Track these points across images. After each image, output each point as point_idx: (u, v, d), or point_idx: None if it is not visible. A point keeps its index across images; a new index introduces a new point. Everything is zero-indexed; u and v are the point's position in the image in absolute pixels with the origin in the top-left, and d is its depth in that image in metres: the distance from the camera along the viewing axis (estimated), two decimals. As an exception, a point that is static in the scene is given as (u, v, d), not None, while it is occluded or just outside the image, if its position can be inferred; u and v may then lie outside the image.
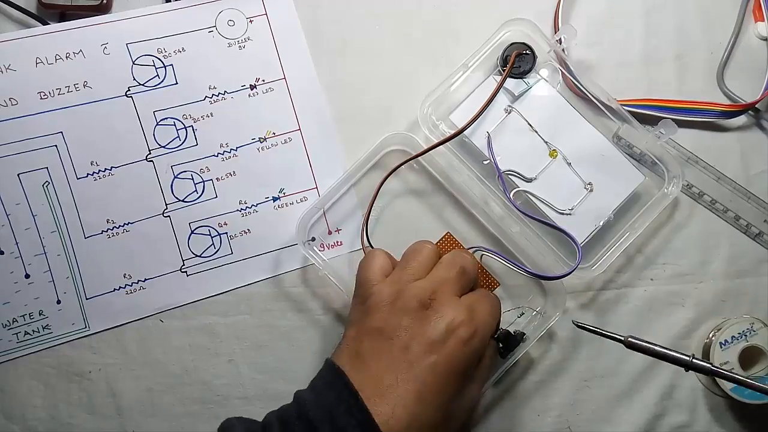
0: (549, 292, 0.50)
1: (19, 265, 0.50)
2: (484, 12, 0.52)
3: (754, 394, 0.45)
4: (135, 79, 0.51)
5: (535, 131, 0.49)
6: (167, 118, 0.51)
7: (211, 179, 0.51)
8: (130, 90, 0.51)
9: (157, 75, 0.51)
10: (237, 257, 0.51)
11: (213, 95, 0.51)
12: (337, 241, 0.52)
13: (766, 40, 0.52)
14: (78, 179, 0.50)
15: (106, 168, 0.51)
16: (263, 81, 0.52)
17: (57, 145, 0.50)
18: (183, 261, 0.51)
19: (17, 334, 0.50)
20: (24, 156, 0.50)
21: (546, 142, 0.49)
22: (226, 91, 0.52)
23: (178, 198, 0.51)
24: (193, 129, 0.51)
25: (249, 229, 0.52)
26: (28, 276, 0.50)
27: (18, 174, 0.50)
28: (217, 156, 0.51)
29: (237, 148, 0.52)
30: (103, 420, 0.50)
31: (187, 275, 0.51)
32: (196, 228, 0.51)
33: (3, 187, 0.50)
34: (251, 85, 0.52)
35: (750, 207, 0.52)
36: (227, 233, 0.51)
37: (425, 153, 0.48)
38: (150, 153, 0.51)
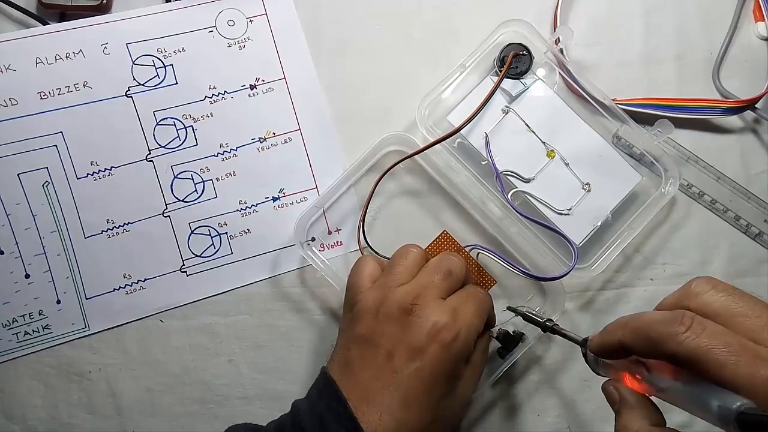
0: (548, 292, 0.51)
1: (19, 265, 0.51)
2: (484, 12, 0.53)
3: None
4: (135, 79, 0.51)
5: (533, 132, 0.49)
6: (167, 118, 0.52)
7: (211, 179, 0.52)
8: (130, 90, 0.51)
9: (157, 75, 0.52)
10: (237, 257, 0.52)
11: (213, 95, 0.52)
12: (337, 241, 0.52)
13: (766, 40, 0.53)
14: (78, 179, 0.51)
15: (106, 168, 0.51)
16: (263, 81, 0.52)
17: (57, 145, 0.50)
18: (183, 261, 0.52)
19: (17, 334, 0.51)
20: (24, 156, 0.50)
21: (543, 142, 0.49)
22: (226, 91, 0.52)
23: (178, 198, 0.52)
24: (193, 129, 0.52)
25: (249, 229, 0.52)
26: (28, 276, 0.51)
27: (18, 174, 0.50)
28: (217, 156, 0.52)
29: (237, 148, 0.52)
30: (103, 420, 0.51)
31: (187, 275, 0.52)
32: (196, 228, 0.52)
33: (3, 187, 0.50)
34: (251, 85, 0.52)
35: (750, 207, 0.52)
36: (227, 233, 0.52)
37: (420, 152, 0.49)
38: (150, 153, 0.51)
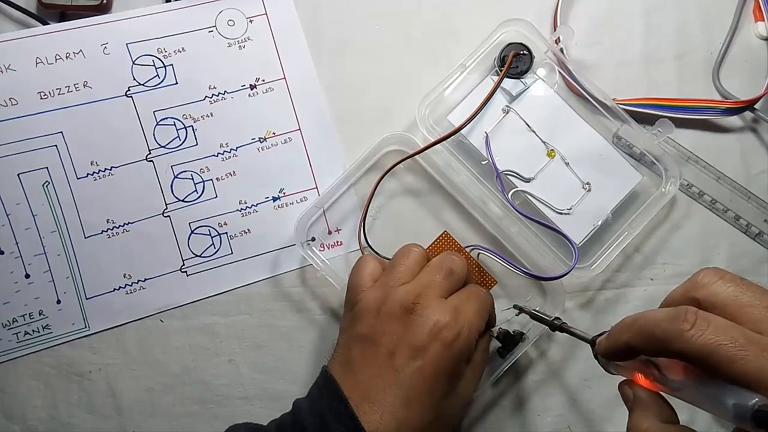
0: (548, 291, 0.52)
1: (19, 265, 0.51)
2: (484, 12, 0.54)
3: None
4: (135, 79, 0.52)
5: (533, 131, 0.50)
6: (167, 118, 0.52)
7: (211, 179, 0.53)
8: (130, 90, 0.52)
9: (157, 75, 0.52)
10: (237, 257, 0.53)
11: (213, 95, 0.53)
12: (337, 241, 0.53)
13: (766, 39, 0.54)
14: (78, 179, 0.52)
15: (106, 168, 0.52)
16: (263, 81, 0.53)
17: (57, 145, 0.51)
18: (183, 261, 0.52)
19: (17, 334, 0.51)
20: (24, 156, 0.51)
21: (544, 142, 0.50)
22: (226, 91, 0.53)
23: (178, 198, 0.52)
24: (193, 129, 0.53)
25: (249, 229, 0.53)
26: (28, 276, 0.51)
27: (18, 174, 0.51)
28: (217, 156, 0.53)
29: (237, 148, 0.53)
30: (103, 420, 0.51)
31: (187, 275, 0.52)
32: (196, 228, 0.53)
33: (3, 187, 0.51)
34: (251, 85, 0.53)
35: (750, 207, 0.53)
36: (227, 233, 0.53)
37: (421, 152, 0.49)
38: (150, 153, 0.52)
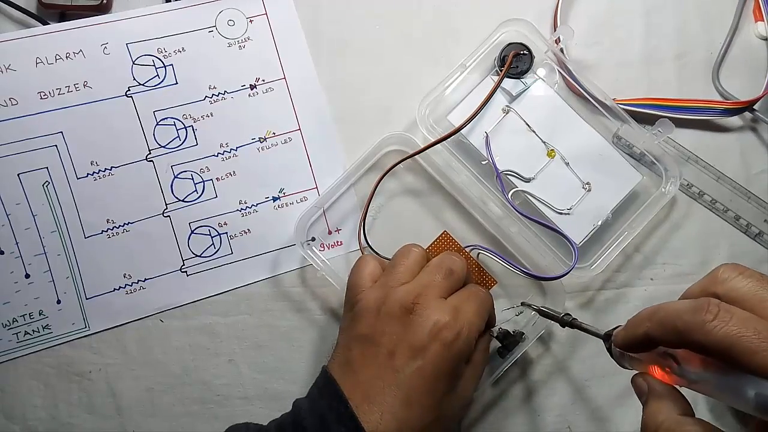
0: (548, 291, 0.52)
1: (19, 265, 0.52)
2: (484, 12, 0.55)
3: None
4: (135, 79, 0.53)
5: (533, 131, 0.51)
6: (167, 118, 0.53)
7: (211, 179, 0.53)
8: (130, 90, 0.53)
9: (157, 75, 0.53)
10: (237, 257, 0.53)
11: (213, 95, 0.53)
12: (337, 241, 0.54)
13: (766, 39, 0.55)
14: (78, 179, 0.52)
15: (106, 168, 0.53)
16: (263, 81, 0.54)
17: (57, 145, 0.52)
18: (183, 261, 0.53)
19: (17, 334, 0.52)
20: (24, 156, 0.52)
21: (544, 142, 0.51)
22: (226, 91, 0.54)
23: (178, 198, 0.53)
24: (193, 129, 0.53)
25: (249, 229, 0.54)
26: (28, 276, 0.52)
27: (18, 174, 0.52)
28: (217, 156, 0.53)
29: (237, 148, 0.54)
30: (103, 420, 0.52)
31: (187, 275, 0.53)
32: (196, 228, 0.53)
33: (3, 187, 0.52)
34: (251, 85, 0.54)
35: (750, 207, 0.54)
36: (227, 233, 0.53)
37: (421, 152, 0.50)
38: (150, 153, 0.53)
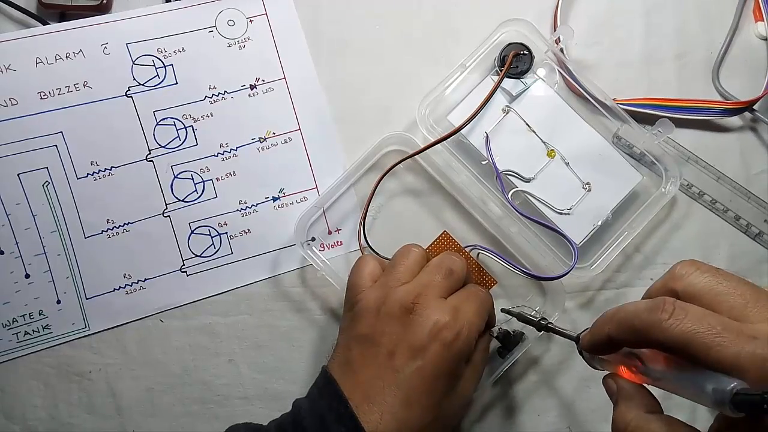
0: (548, 291, 0.53)
1: (19, 265, 0.53)
2: (484, 12, 0.55)
3: None
4: (135, 79, 0.54)
5: (533, 131, 0.52)
6: (167, 118, 0.54)
7: (211, 179, 0.54)
8: (130, 90, 0.53)
9: (157, 75, 0.54)
10: (237, 257, 0.54)
11: (213, 95, 0.54)
12: (337, 241, 0.55)
13: (765, 39, 0.56)
14: (78, 179, 0.53)
15: (106, 168, 0.53)
16: (263, 81, 0.55)
17: (57, 145, 0.53)
18: (183, 261, 0.54)
19: (17, 334, 0.53)
20: (24, 156, 0.52)
21: (544, 142, 0.52)
22: (226, 91, 0.54)
23: (178, 198, 0.54)
24: (193, 129, 0.54)
25: (249, 229, 0.54)
26: (28, 276, 0.53)
27: (18, 174, 0.52)
28: (217, 156, 0.54)
29: (237, 148, 0.54)
30: (103, 420, 0.53)
31: (187, 275, 0.54)
32: (196, 228, 0.54)
33: (3, 187, 0.52)
34: (251, 85, 0.55)
35: (750, 207, 0.54)
36: (227, 233, 0.54)
37: (421, 152, 0.51)
38: (150, 153, 0.54)
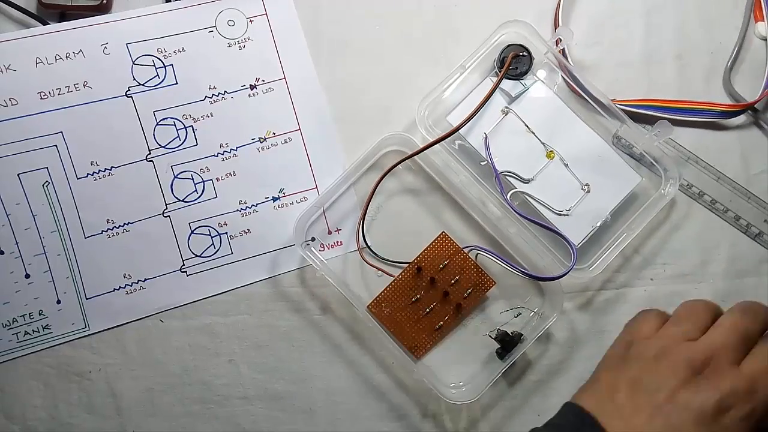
0: (546, 292, 0.53)
1: (19, 265, 0.53)
2: (484, 12, 0.56)
3: None
4: (135, 79, 0.54)
5: (532, 132, 0.52)
6: (167, 118, 0.54)
7: (211, 179, 0.55)
8: (130, 90, 0.54)
9: (157, 75, 0.54)
10: (237, 257, 0.55)
11: (213, 95, 0.55)
12: (337, 241, 0.55)
13: (765, 39, 0.56)
14: (78, 179, 0.53)
15: (106, 168, 0.54)
16: (263, 81, 0.55)
17: (57, 145, 0.53)
18: (183, 261, 0.54)
19: (17, 334, 0.53)
20: (24, 156, 0.53)
21: (543, 143, 0.52)
22: (226, 91, 0.55)
23: (178, 198, 0.54)
24: (193, 129, 0.55)
25: (249, 229, 0.55)
26: (28, 276, 0.53)
27: (18, 174, 0.53)
28: (217, 156, 0.55)
29: (237, 148, 0.55)
30: (103, 420, 0.53)
31: (187, 275, 0.54)
32: (196, 228, 0.55)
33: (3, 187, 0.53)
34: (251, 85, 0.55)
35: (750, 207, 0.55)
36: (227, 233, 0.55)
37: (420, 152, 0.51)
38: (150, 153, 0.54)
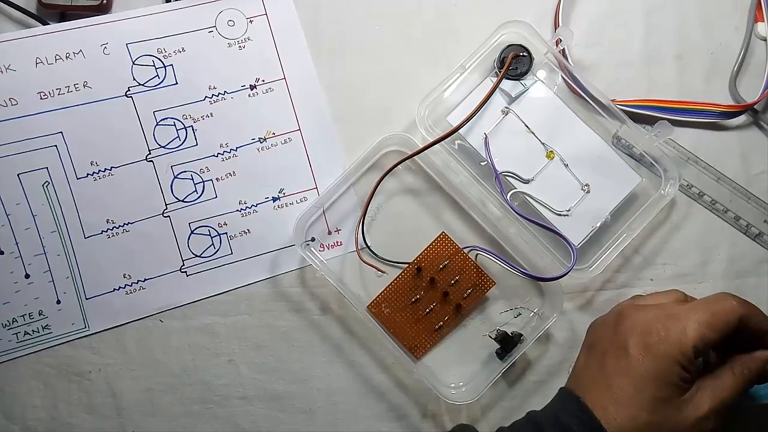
0: (546, 292, 0.54)
1: (19, 265, 0.54)
2: (484, 12, 0.56)
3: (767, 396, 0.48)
4: (135, 79, 0.55)
5: (532, 133, 0.53)
6: (167, 118, 0.55)
7: (211, 179, 0.55)
8: (130, 90, 0.55)
9: (157, 75, 0.55)
10: (237, 257, 0.55)
11: (213, 95, 0.55)
12: (337, 241, 0.56)
13: (765, 40, 0.57)
14: (78, 179, 0.54)
15: (106, 168, 0.54)
16: (263, 81, 0.56)
17: (57, 145, 0.54)
18: (183, 261, 0.55)
19: (17, 334, 0.54)
20: (24, 156, 0.53)
21: (543, 143, 0.53)
22: (226, 91, 0.55)
23: (178, 198, 0.55)
24: (193, 129, 0.55)
25: (249, 229, 0.55)
26: (28, 276, 0.54)
27: (18, 174, 0.53)
28: (217, 156, 0.55)
29: (237, 148, 0.55)
30: (103, 420, 0.54)
31: (187, 275, 0.55)
32: (196, 228, 0.55)
33: (3, 187, 0.53)
34: (251, 85, 0.56)
35: (750, 207, 0.55)
36: (227, 233, 0.55)
37: (420, 152, 0.52)
38: (150, 153, 0.55)
